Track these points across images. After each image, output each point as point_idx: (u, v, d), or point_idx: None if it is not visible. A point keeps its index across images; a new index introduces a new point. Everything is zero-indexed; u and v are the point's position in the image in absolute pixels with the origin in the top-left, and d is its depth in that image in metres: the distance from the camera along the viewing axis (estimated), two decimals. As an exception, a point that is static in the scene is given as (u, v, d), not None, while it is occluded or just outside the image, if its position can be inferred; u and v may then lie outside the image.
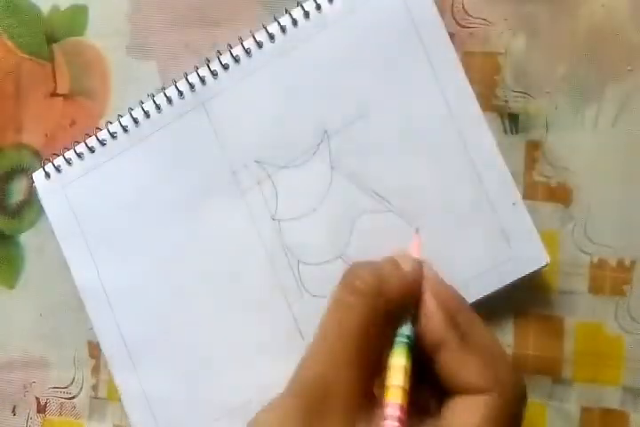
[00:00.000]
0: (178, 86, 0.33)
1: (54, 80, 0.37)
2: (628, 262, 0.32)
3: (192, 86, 0.33)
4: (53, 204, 0.35)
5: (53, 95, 0.37)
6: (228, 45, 0.33)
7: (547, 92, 0.32)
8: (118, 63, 0.36)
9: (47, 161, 0.35)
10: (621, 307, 0.32)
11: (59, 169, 0.35)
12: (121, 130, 0.34)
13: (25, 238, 0.37)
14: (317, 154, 0.32)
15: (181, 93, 0.33)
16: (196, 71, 0.33)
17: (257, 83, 0.33)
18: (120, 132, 0.34)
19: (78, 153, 0.35)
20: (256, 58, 0.33)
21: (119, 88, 0.36)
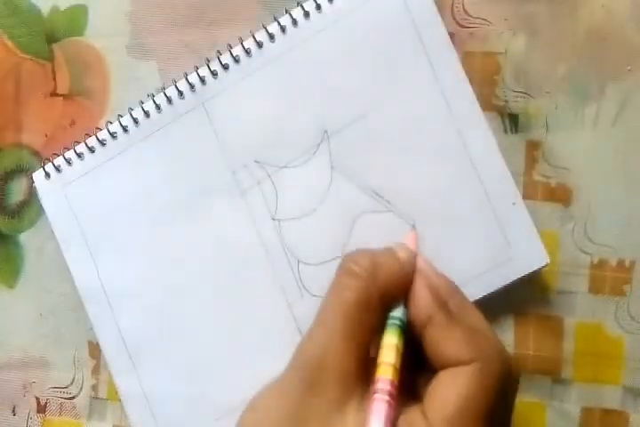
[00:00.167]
0: (178, 86, 0.33)
1: (54, 80, 0.37)
2: (628, 262, 0.32)
3: (192, 86, 0.33)
4: (53, 204, 0.35)
5: (53, 95, 0.37)
6: (228, 45, 0.33)
7: (547, 91, 0.32)
8: (118, 63, 0.36)
9: (47, 161, 0.35)
10: (621, 307, 0.32)
11: (59, 169, 0.35)
12: (121, 130, 0.34)
13: (25, 238, 0.37)
14: (317, 154, 0.32)
15: (181, 93, 0.33)
16: (196, 71, 0.33)
17: (257, 83, 0.33)
18: (120, 132, 0.34)
19: (78, 153, 0.35)
20: (256, 58, 0.33)
21: (119, 88, 0.36)
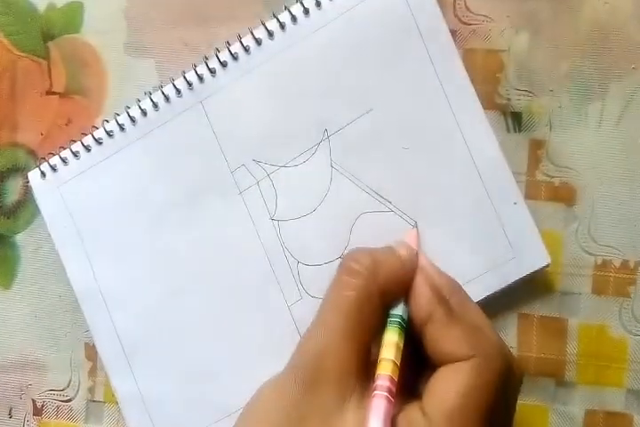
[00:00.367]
0: (175, 84, 0.33)
1: (50, 78, 0.36)
2: (633, 263, 0.32)
3: (190, 84, 0.33)
4: (49, 203, 0.35)
5: (49, 93, 0.36)
6: (227, 43, 0.33)
7: (550, 90, 0.32)
8: (115, 61, 0.35)
9: (43, 160, 0.35)
10: (625, 308, 0.31)
11: (54, 168, 0.35)
12: (118, 128, 0.34)
13: (20, 238, 0.37)
14: (317, 153, 0.32)
15: (179, 92, 0.33)
16: (194, 69, 0.33)
17: (256, 81, 0.32)
18: (117, 130, 0.34)
19: (74, 152, 0.34)
20: (255, 55, 0.32)
21: (116, 86, 0.35)
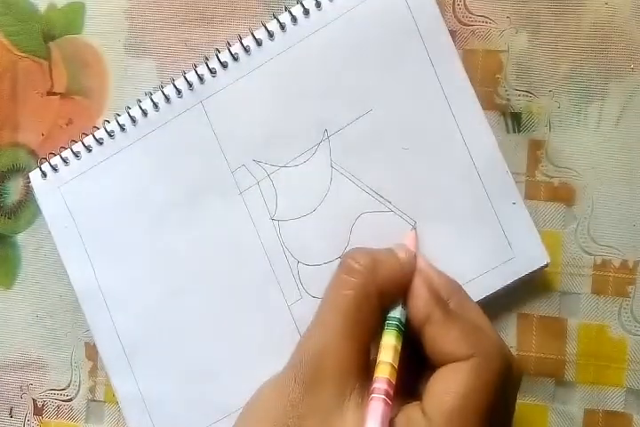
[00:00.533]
0: (176, 85, 0.33)
1: (51, 79, 0.36)
2: (632, 263, 0.32)
3: (190, 85, 0.33)
4: (50, 203, 0.35)
5: (50, 94, 0.36)
6: (227, 43, 0.33)
7: (549, 90, 0.32)
8: (116, 61, 0.36)
9: (44, 160, 0.35)
10: (625, 308, 0.31)
11: (55, 168, 0.35)
12: (118, 129, 0.34)
13: (21, 238, 0.37)
14: (317, 153, 0.32)
15: (179, 92, 0.33)
16: (195, 69, 0.33)
17: (256, 81, 0.32)
18: (117, 130, 0.34)
19: (75, 152, 0.34)
20: (255, 56, 0.32)
21: (117, 87, 0.36)
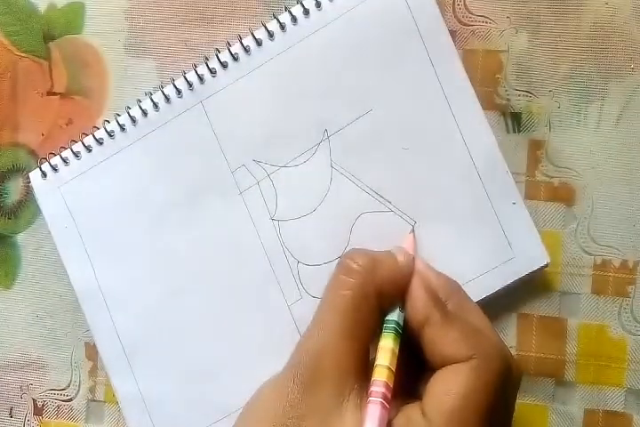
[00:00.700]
0: (176, 85, 0.33)
1: (51, 79, 0.36)
2: (632, 263, 0.32)
3: (190, 85, 0.33)
4: (50, 203, 0.35)
5: (50, 94, 0.36)
6: (227, 43, 0.33)
7: (549, 90, 0.32)
8: (116, 61, 0.36)
9: (44, 160, 0.35)
10: (625, 308, 0.31)
11: (55, 168, 0.35)
12: (118, 129, 0.34)
13: (21, 238, 0.37)
14: (317, 153, 0.32)
15: (179, 92, 0.33)
16: (195, 69, 0.33)
17: (256, 81, 0.32)
18: (117, 130, 0.34)
19: (75, 152, 0.34)
20: (255, 56, 0.32)
21: (117, 87, 0.36)
